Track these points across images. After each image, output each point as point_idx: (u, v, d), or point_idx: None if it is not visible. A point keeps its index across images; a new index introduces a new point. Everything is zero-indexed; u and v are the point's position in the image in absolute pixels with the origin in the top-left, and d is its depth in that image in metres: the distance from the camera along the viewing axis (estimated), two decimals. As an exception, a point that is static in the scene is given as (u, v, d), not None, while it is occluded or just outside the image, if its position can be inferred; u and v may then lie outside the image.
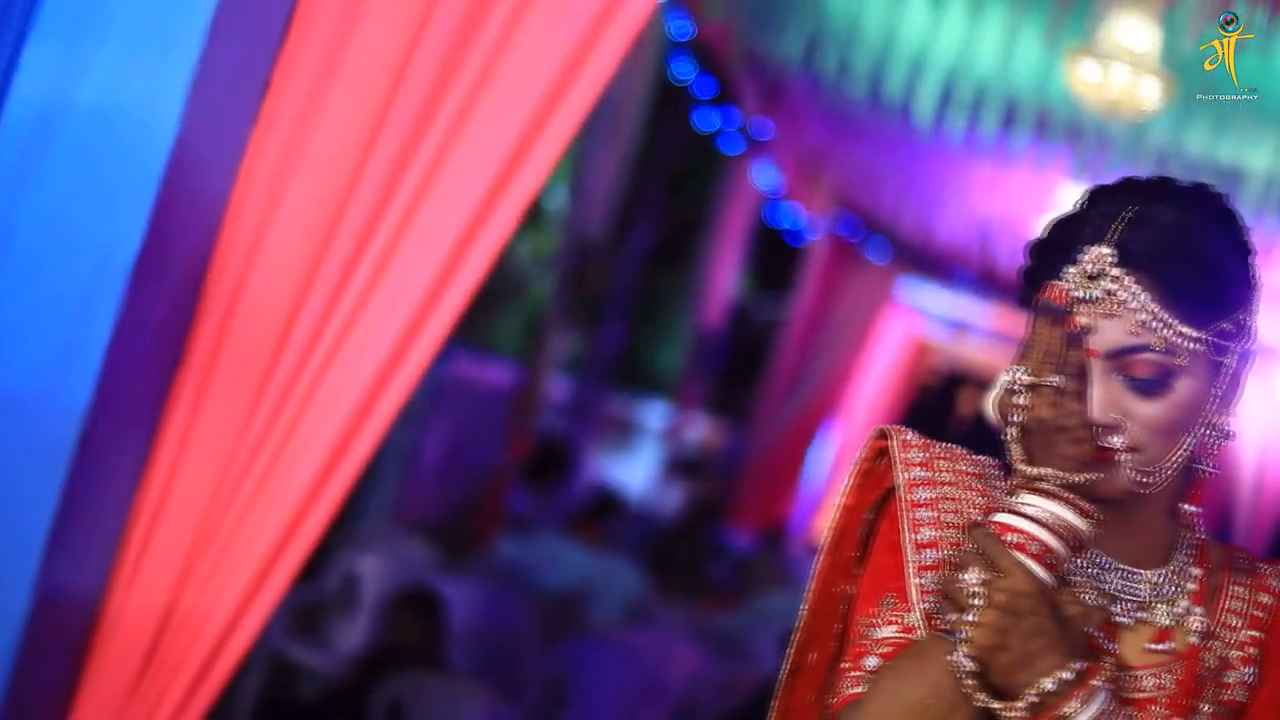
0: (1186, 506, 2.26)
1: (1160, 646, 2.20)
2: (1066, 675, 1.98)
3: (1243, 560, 2.33)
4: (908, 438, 2.32)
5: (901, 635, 2.14)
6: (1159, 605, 2.22)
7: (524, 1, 3.42)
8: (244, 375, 3.42)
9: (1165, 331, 2.07)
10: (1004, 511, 2.08)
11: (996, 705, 2.00)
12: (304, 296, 3.42)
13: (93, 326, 3.28)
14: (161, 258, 3.31)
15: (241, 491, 3.42)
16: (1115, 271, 2.07)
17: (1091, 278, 2.08)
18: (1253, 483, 12.44)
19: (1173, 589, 2.24)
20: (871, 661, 2.13)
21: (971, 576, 2.02)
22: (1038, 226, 2.24)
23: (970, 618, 2.00)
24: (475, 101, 3.42)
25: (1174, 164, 8.44)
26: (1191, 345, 2.08)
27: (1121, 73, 7.19)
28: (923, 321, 16.44)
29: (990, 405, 2.16)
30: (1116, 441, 2.09)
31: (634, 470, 14.97)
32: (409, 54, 3.41)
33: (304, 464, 3.42)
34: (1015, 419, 2.09)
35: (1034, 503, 2.06)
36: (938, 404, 17.34)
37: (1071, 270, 2.10)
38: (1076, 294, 2.09)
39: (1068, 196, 2.20)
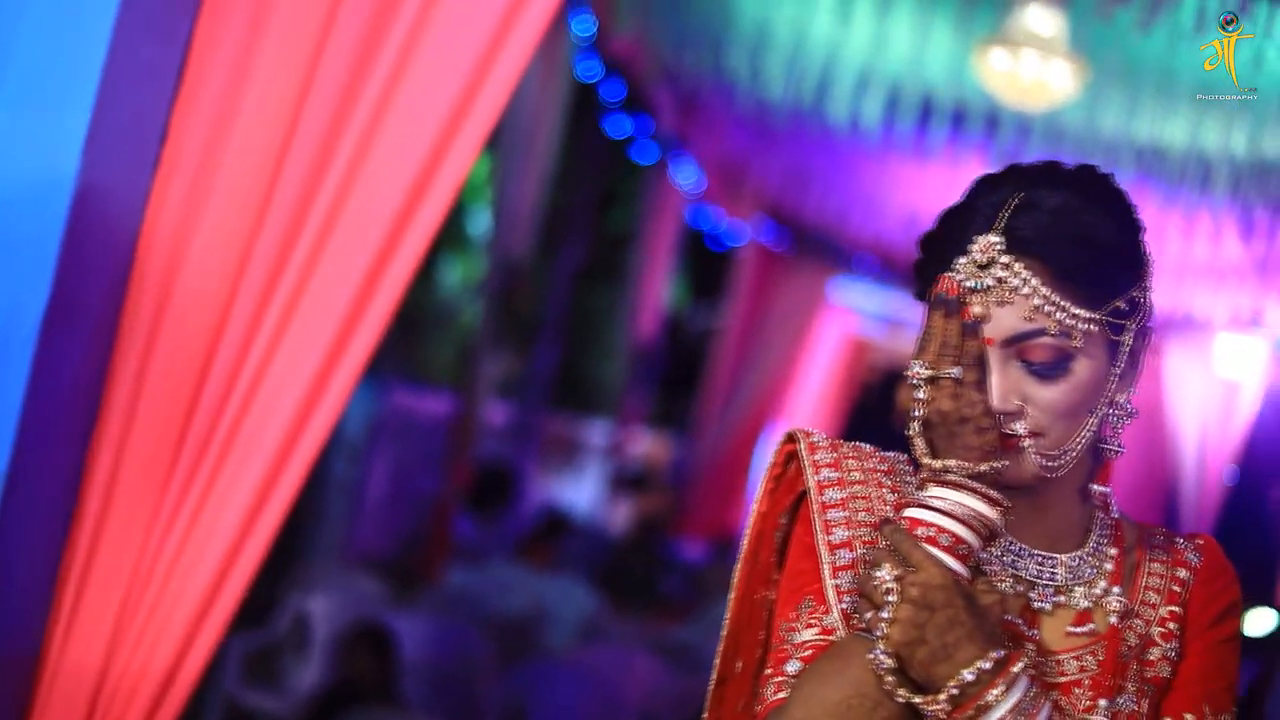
0: (1096, 487, 2.27)
1: (1081, 629, 2.21)
2: (986, 665, 1.98)
3: (1159, 537, 2.34)
4: (815, 439, 2.32)
5: (821, 637, 2.14)
6: (1077, 588, 2.23)
7: (418, 26, 3.40)
8: (164, 422, 3.39)
9: (1059, 314, 2.07)
10: (914, 506, 2.08)
11: (918, 700, 2.00)
12: (218, 338, 3.40)
13: (6, 387, 3.24)
14: (71, 312, 3.28)
15: (170, 539, 3.39)
16: (1005, 259, 2.08)
17: (982, 266, 2.09)
18: (1196, 459, 12.46)
19: (1090, 570, 2.25)
20: (793, 666, 2.13)
21: (885, 573, 2.02)
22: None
23: (886, 614, 2.00)
24: (378, 127, 3.40)
25: (1092, 146, 8.47)
26: (1086, 326, 2.09)
27: (1031, 60, 7.22)
28: (858, 320, 16.46)
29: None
30: (1019, 428, 2.10)
31: (580, 489, 14.95)
32: (306, 89, 3.39)
33: (232, 506, 3.39)
34: (917, 413, 2.10)
35: (942, 495, 2.07)
36: (879, 401, 17.36)
37: (962, 261, 2.11)
38: (968, 284, 2.09)
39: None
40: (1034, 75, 7.25)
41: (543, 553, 10.13)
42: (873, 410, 16.79)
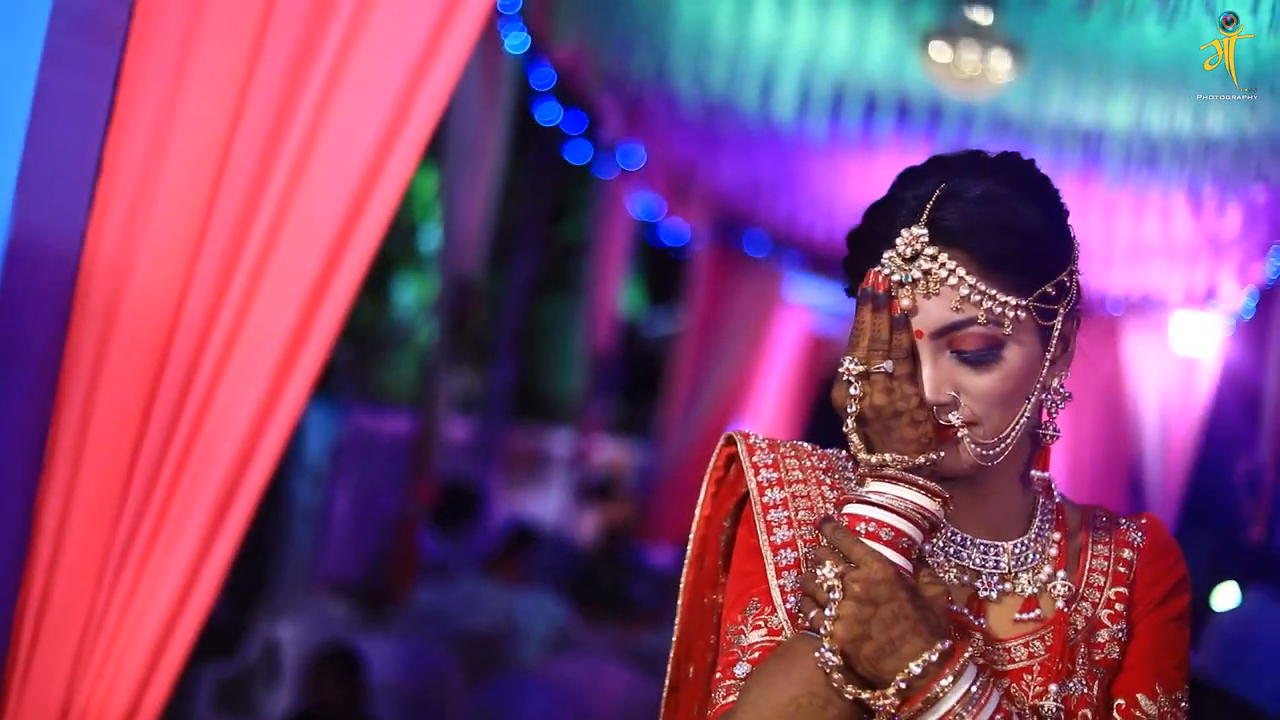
0: (1037, 472, 2.27)
1: (1028, 615, 2.21)
2: (932, 657, 1.98)
3: (1102, 519, 2.34)
4: (754, 441, 2.32)
5: (769, 638, 2.14)
6: (1022, 574, 2.23)
7: (348, 43, 3.39)
8: (113, 458, 3.37)
9: (987, 303, 2.07)
10: (853, 502, 2.08)
11: (866, 696, 1.99)
12: (162, 370, 3.38)
13: (-50, 431, 3.23)
14: (12, 354, 3.25)
15: (125, 573, 3.37)
16: (930, 250, 2.07)
17: (908, 259, 2.08)
18: (1159, 437, 12.46)
19: (1034, 556, 2.25)
20: (742, 668, 2.13)
21: (827, 571, 2.02)
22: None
23: (830, 612, 2.00)
24: (312, 147, 3.38)
25: (1037, 132, 8.48)
26: (1015, 313, 2.09)
27: (971, 49, 7.22)
28: (816, 317, 16.44)
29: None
30: (954, 418, 2.10)
31: (545, 501, 14.93)
32: (238, 113, 3.37)
33: (184, 538, 3.38)
34: (851, 409, 2.09)
35: (881, 490, 2.07)
36: (841, 397, 17.26)
37: (888, 254, 2.10)
38: (895, 277, 2.09)
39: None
40: (974, 64, 7.26)
41: (511, 566, 10.11)
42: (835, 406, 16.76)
